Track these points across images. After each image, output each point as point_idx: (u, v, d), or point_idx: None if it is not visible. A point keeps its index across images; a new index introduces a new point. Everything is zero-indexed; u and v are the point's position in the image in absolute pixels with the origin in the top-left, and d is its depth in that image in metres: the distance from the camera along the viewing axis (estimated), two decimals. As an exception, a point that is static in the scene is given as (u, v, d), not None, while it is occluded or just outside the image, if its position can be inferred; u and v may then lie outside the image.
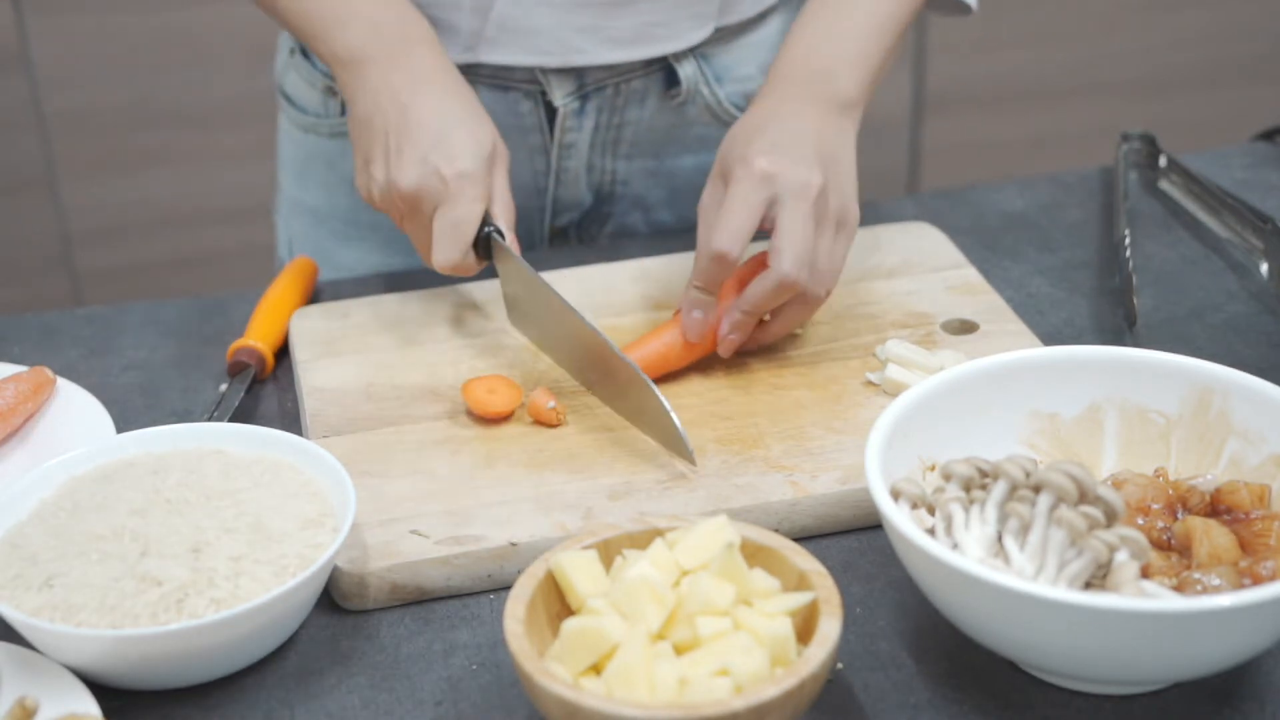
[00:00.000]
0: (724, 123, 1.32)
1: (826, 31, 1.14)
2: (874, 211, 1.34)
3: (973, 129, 2.72)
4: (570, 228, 1.36)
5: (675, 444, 1.00)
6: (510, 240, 1.09)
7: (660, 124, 1.30)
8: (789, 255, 1.03)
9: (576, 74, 1.26)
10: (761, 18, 1.30)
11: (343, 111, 1.31)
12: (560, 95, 1.26)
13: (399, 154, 1.08)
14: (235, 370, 1.14)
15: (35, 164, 2.41)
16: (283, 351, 1.19)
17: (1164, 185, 1.38)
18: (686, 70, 1.27)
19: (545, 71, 1.25)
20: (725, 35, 1.28)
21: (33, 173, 2.42)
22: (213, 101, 2.42)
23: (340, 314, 1.19)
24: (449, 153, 1.07)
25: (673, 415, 0.98)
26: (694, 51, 1.27)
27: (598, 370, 1.06)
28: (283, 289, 1.21)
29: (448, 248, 1.07)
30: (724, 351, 1.08)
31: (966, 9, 1.23)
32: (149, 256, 2.51)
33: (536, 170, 1.31)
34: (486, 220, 1.09)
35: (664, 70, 1.28)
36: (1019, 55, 2.68)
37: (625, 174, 1.33)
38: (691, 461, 0.99)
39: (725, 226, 1.04)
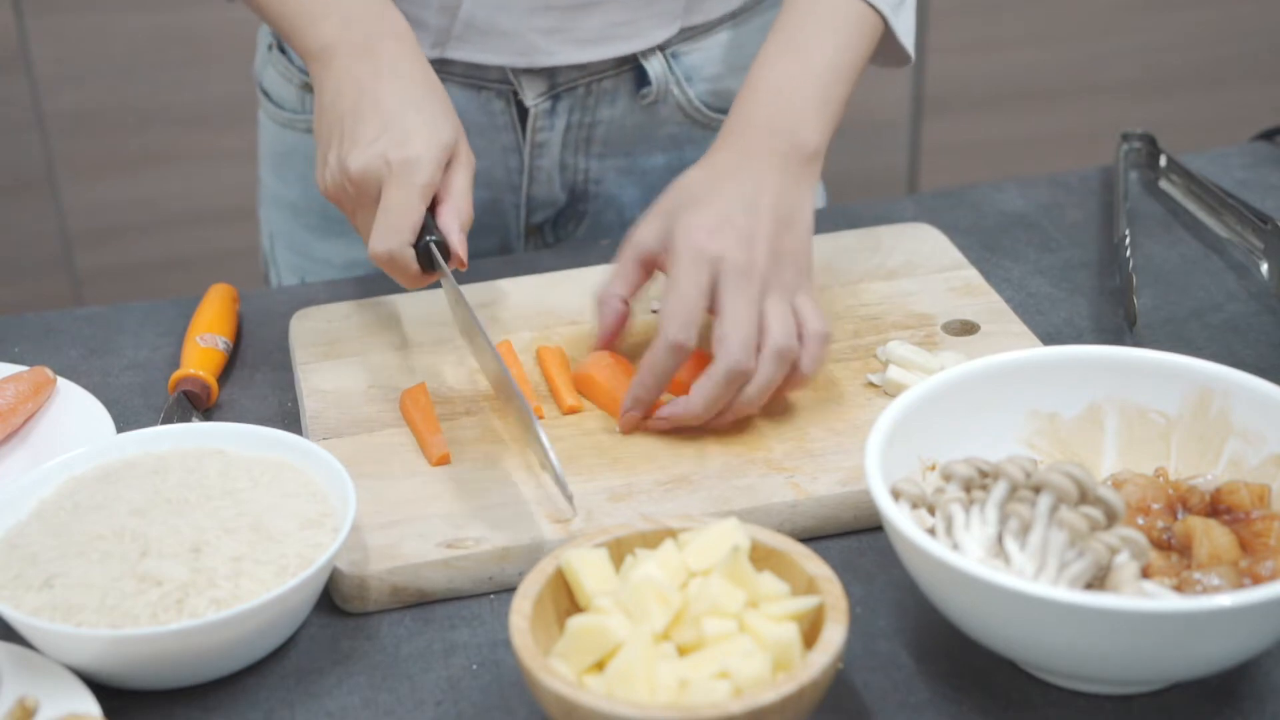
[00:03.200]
0: (695, 121, 1.33)
1: (791, 76, 1.10)
2: (874, 211, 1.34)
3: (973, 129, 2.72)
4: (545, 225, 1.37)
5: (559, 484, 0.95)
6: (456, 248, 1.04)
7: (631, 123, 1.31)
8: (735, 342, 0.99)
9: (548, 74, 1.26)
10: (731, 17, 1.31)
11: None
12: (531, 95, 1.27)
13: (352, 138, 1.05)
14: (184, 402, 1.11)
15: (35, 164, 2.41)
16: (281, 350, 1.19)
17: (1164, 185, 1.38)
18: (656, 69, 1.28)
19: (516, 71, 1.26)
20: (694, 34, 1.29)
21: (33, 173, 2.42)
22: (213, 101, 2.42)
23: (340, 315, 1.19)
24: (400, 139, 1.03)
25: (552, 457, 0.94)
26: (663, 51, 1.28)
27: (503, 397, 1.05)
28: (211, 317, 1.19)
29: (382, 235, 1.02)
30: (626, 429, 1.04)
31: (907, 58, 1.19)
32: (149, 256, 2.52)
33: (510, 168, 1.31)
34: (431, 229, 1.04)
35: (634, 70, 1.28)
36: (1019, 55, 2.68)
37: (598, 173, 1.33)
38: (569, 504, 0.95)
39: (676, 315, 1.00)
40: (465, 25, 1.23)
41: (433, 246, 1.03)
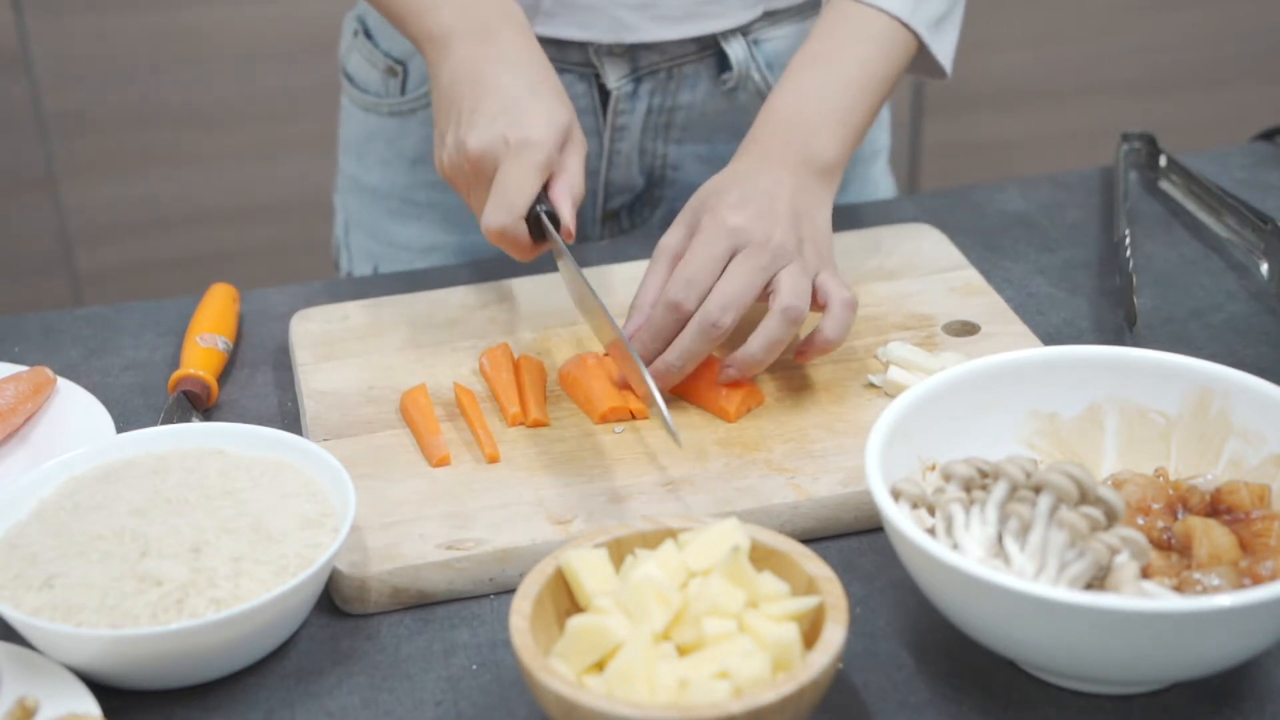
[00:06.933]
0: None
1: (813, 89, 1.12)
2: (874, 212, 1.34)
3: (973, 129, 2.72)
4: (622, 211, 1.38)
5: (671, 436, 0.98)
6: (567, 220, 1.07)
7: (711, 109, 1.32)
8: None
9: (630, 57, 1.28)
10: (813, 5, 1.32)
11: (402, 91, 1.34)
12: (614, 78, 1.28)
13: (470, 118, 1.07)
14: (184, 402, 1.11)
15: (35, 164, 2.41)
16: (281, 350, 1.19)
17: (1164, 185, 1.38)
18: (737, 53, 1.29)
19: (600, 52, 1.27)
20: (775, 19, 1.30)
21: (33, 173, 2.42)
22: (213, 101, 2.42)
23: (340, 316, 1.19)
24: (518, 119, 1.06)
25: (670, 423, 0.96)
26: (745, 36, 1.29)
27: (623, 364, 1.06)
28: (211, 317, 1.19)
29: (497, 211, 1.05)
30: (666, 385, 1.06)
31: (942, 72, 1.20)
32: (149, 256, 2.52)
33: (589, 153, 1.32)
34: (542, 200, 1.07)
35: (716, 54, 1.30)
36: (1019, 55, 2.68)
37: (676, 158, 1.34)
38: (677, 442, 0.97)
39: (683, 276, 1.03)
40: (553, 0, 1.24)
41: (544, 216, 1.06)
